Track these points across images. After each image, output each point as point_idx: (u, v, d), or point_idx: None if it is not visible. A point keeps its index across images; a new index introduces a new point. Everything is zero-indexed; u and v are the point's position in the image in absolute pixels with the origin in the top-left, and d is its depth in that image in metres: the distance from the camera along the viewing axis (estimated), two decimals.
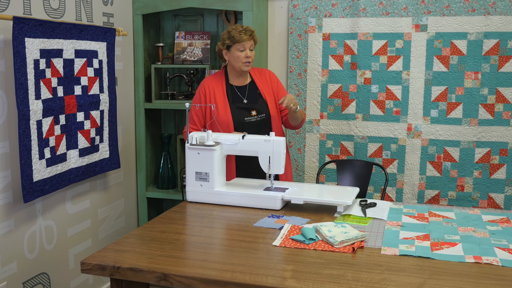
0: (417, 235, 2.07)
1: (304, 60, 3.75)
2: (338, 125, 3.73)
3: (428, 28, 3.50)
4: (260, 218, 2.31)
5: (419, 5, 3.50)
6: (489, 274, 1.73)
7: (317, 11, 3.69)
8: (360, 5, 3.58)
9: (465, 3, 3.42)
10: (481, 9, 3.40)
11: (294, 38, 3.76)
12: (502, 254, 1.88)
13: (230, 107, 2.96)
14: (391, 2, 3.54)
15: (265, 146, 2.49)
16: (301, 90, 3.78)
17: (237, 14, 3.76)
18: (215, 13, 3.84)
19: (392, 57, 3.58)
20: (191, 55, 3.77)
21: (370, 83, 3.63)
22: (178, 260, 1.87)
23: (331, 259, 1.86)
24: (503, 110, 3.44)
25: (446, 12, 3.46)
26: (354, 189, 2.58)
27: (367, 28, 3.59)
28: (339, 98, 3.70)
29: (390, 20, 3.55)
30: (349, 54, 3.65)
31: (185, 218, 2.38)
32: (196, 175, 2.54)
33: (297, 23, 3.74)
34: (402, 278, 1.69)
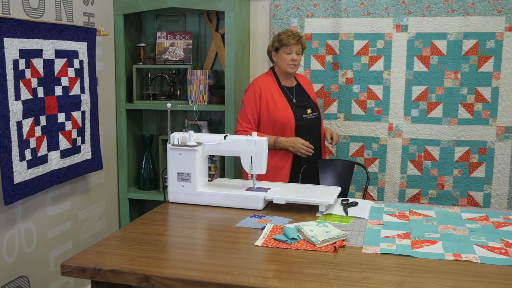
0: (398, 234, 2.09)
1: None
2: None
3: (408, 29, 3.53)
4: (242, 218, 2.31)
5: (400, 6, 3.53)
6: (468, 271, 1.75)
7: (299, 12, 3.70)
8: (342, 6, 3.60)
9: (445, 3, 3.46)
10: (461, 9, 3.44)
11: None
12: (481, 251, 1.90)
13: (290, 105, 3.13)
14: (372, 3, 3.56)
15: (247, 146, 2.49)
16: None
17: (219, 14, 3.76)
18: (197, 13, 3.83)
19: (373, 57, 3.60)
20: (173, 55, 3.75)
21: (352, 83, 3.65)
22: (159, 261, 1.86)
23: (313, 258, 1.86)
24: (482, 109, 3.49)
25: (426, 12, 3.49)
26: (335, 188, 2.59)
27: (348, 28, 3.61)
28: (321, 98, 3.72)
29: (371, 20, 3.58)
30: (331, 54, 3.66)
31: (167, 219, 2.37)
32: (178, 175, 2.53)
33: (279, 23, 3.75)
34: (383, 277, 1.70)
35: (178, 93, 3.79)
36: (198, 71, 3.61)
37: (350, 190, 3.63)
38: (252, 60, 3.87)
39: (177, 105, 3.00)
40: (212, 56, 3.82)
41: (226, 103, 3.53)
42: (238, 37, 3.54)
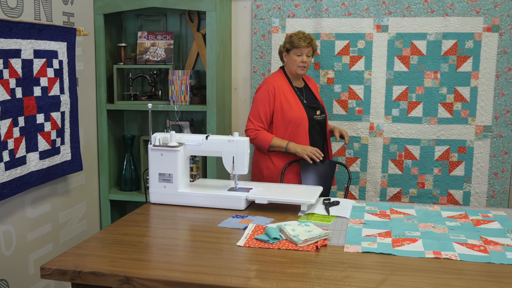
0: (379, 232, 2.11)
1: (268, 60, 3.77)
2: None
3: (389, 29, 3.56)
4: (224, 219, 2.30)
5: (380, 6, 3.55)
6: (448, 268, 1.77)
7: (280, 12, 3.70)
8: (323, 6, 3.62)
9: (425, 4, 3.49)
10: (440, 10, 3.48)
11: (257, 38, 3.77)
12: (461, 248, 1.93)
13: (303, 106, 3.17)
14: (353, 3, 3.58)
15: (228, 147, 2.49)
16: None
17: (200, 14, 3.75)
18: (178, 13, 3.82)
19: (355, 57, 3.63)
20: (154, 55, 3.73)
21: (333, 83, 3.67)
22: (141, 262, 1.85)
23: (295, 258, 1.87)
24: (461, 108, 3.53)
25: (406, 13, 3.53)
26: (317, 188, 2.60)
27: (329, 28, 3.63)
28: None
29: (352, 20, 3.60)
30: None
31: (148, 220, 2.35)
32: (159, 176, 2.52)
33: (260, 23, 3.75)
34: (364, 275, 1.71)
35: (159, 93, 3.77)
36: (180, 71, 3.59)
37: (332, 190, 3.65)
38: (234, 60, 3.87)
39: (158, 105, 2.99)
40: (194, 56, 3.81)
41: (208, 103, 3.52)
42: (219, 37, 3.53)
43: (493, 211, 2.41)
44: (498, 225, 2.20)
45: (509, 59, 3.44)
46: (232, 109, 3.91)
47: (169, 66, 3.65)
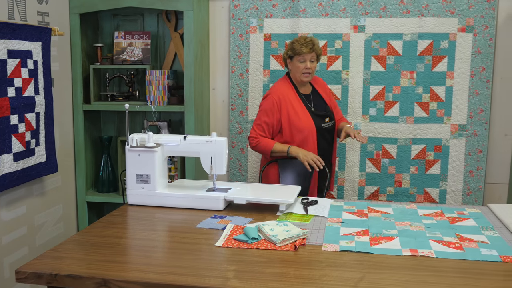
0: (356, 231, 2.12)
1: (246, 60, 3.77)
2: None
3: (365, 29, 3.59)
4: (203, 219, 2.29)
5: (357, 7, 3.58)
6: (424, 266, 1.79)
7: (258, 12, 3.71)
8: (300, 6, 3.63)
9: (400, 5, 3.53)
10: (416, 11, 3.52)
11: (235, 38, 3.77)
12: (437, 246, 1.95)
13: (310, 114, 3.08)
14: (330, 4, 3.60)
15: (206, 147, 2.48)
16: (243, 90, 3.80)
17: (177, 14, 3.73)
18: (156, 13, 3.79)
19: (332, 57, 3.65)
20: (131, 55, 3.70)
21: None
22: (118, 264, 1.83)
23: (274, 257, 1.87)
24: (437, 108, 3.58)
25: (382, 13, 3.56)
26: (296, 187, 2.61)
27: (307, 28, 3.65)
28: None
29: (330, 21, 3.62)
30: None
31: (126, 221, 2.33)
32: (137, 177, 2.50)
33: (238, 23, 3.75)
34: (342, 274, 1.72)
35: (136, 93, 3.74)
36: (157, 71, 3.57)
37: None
38: (212, 60, 3.86)
39: (135, 106, 2.96)
40: (171, 56, 3.79)
41: (185, 104, 3.51)
42: (197, 37, 3.52)
43: (468, 209, 2.45)
44: (473, 223, 2.23)
45: (483, 59, 3.50)
46: (211, 109, 3.90)
47: (147, 66, 3.62)
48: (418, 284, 1.64)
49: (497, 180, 3.64)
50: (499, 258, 1.83)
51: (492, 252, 1.89)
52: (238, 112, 3.83)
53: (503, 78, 3.54)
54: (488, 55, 3.49)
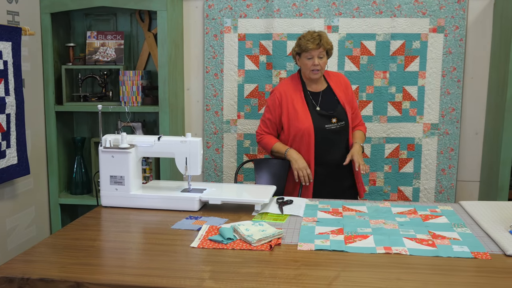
0: (331, 230, 2.13)
1: (220, 60, 3.76)
2: (255, 124, 3.77)
3: (339, 29, 3.62)
4: (178, 220, 2.28)
5: (331, 7, 3.61)
6: (398, 263, 1.81)
7: (232, 12, 3.70)
8: (274, 6, 3.64)
9: (373, 5, 3.57)
10: (388, 11, 3.57)
11: (209, 38, 3.76)
12: (410, 243, 1.98)
13: (311, 114, 2.95)
14: (304, 4, 3.62)
15: (181, 147, 2.47)
16: (218, 91, 3.79)
17: (151, 14, 3.70)
18: (129, 13, 3.76)
19: None
20: (104, 55, 3.66)
21: None
22: (92, 267, 1.81)
23: (249, 257, 1.87)
24: (410, 107, 3.63)
25: (355, 14, 3.59)
26: (271, 187, 2.61)
27: (281, 28, 3.66)
28: (255, 98, 3.74)
29: (303, 21, 3.64)
30: (265, 54, 3.70)
31: (100, 223, 2.30)
32: (111, 179, 2.47)
33: (212, 23, 3.74)
34: (317, 272, 1.73)
35: (110, 94, 3.70)
36: (131, 71, 3.54)
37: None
38: (186, 60, 3.84)
39: (109, 106, 2.93)
40: (145, 57, 3.76)
41: (160, 104, 3.48)
42: (171, 37, 3.50)
43: (440, 206, 2.49)
44: (445, 220, 2.27)
45: (453, 59, 3.56)
46: (185, 110, 3.89)
47: (120, 66, 3.59)
48: (392, 282, 1.66)
49: (468, 178, 3.71)
50: (470, 255, 1.87)
51: (463, 249, 1.92)
52: (213, 113, 3.82)
53: (473, 77, 3.61)
54: (458, 55, 3.55)
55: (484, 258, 1.84)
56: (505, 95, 3.23)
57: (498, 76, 3.37)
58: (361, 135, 3.10)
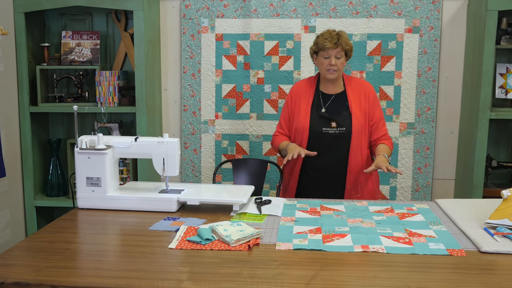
0: (309, 229, 2.14)
1: (198, 60, 3.75)
2: (233, 124, 3.76)
3: (316, 29, 3.64)
4: (156, 221, 2.27)
5: (308, 7, 3.62)
6: (375, 261, 1.83)
7: (209, 12, 3.69)
8: (252, 6, 3.64)
9: (350, 6, 3.60)
10: (364, 12, 3.60)
11: (187, 38, 3.74)
12: (387, 241, 1.99)
13: (311, 115, 2.84)
14: (281, 4, 3.63)
15: (158, 148, 2.45)
16: (195, 91, 3.78)
17: (127, 14, 3.67)
18: (105, 12, 3.72)
19: (284, 57, 3.68)
20: (80, 55, 3.62)
21: (263, 82, 3.70)
22: (68, 270, 1.78)
23: (228, 258, 1.87)
24: (386, 106, 3.66)
25: (332, 14, 3.62)
26: (249, 187, 2.61)
27: (258, 29, 3.66)
28: (233, 98, 3.74)
29: (281, 21, 3.65)
30: (242, 54, 3.70)
31: (76, 226, 2.27)
32: (87, 180, 2.44)
33: (189, 23, 3.72)
34: (296, 272, 1.74)
35: (86, 95, 3.66)
36: (107, 72, 3.50)
37: (264, 189, 3.68)
38: (163, 60, 3.82)
39: (84, 107, 2.89)
40: (122, 57, 3.73)
41: (137, 104, 3.46)
42: (148, 37, 3.47)
43: (417, 205, 2.52)
44: (422, 218, 2.30)
45: (429, 59, 3.60)
46: (163, 110, 3.86)
47: (96, 66, 3.55)
48: (369, 280, 1.67)
49: (444, 176, 3.76)
50: (446, 252, 1.90)
51: (439, 246, 1.95)
52: (191, 113, 3.80)
53: (448, 77, 3.66)
54: (433, 55, 3.60)
55: (459, 255, 1.87)
56: (479, 94, 3.28)
57: (472, 75, 3.43)
58: (385, 148, 2.84)
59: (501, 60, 3.58)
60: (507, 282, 1.66)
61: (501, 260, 1.84)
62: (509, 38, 3.36)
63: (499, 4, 3.16)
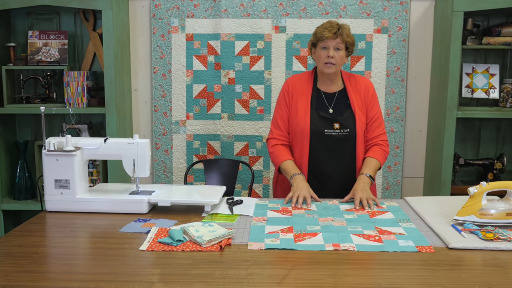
0: (281, 229, 2.15)
1: (168, 60, 3.72)
2: (204, 125, 3.75)
3: (286, 30, 3.65)
4: (126, 223, 2.24)
5: (278, 8, 3.64)
6: (346, 259, 1.84)
7: (179, 12, 3.67)
8: (222, 6, 3.63)
9: (319, 6, 3.62)
10: (334, 12, 3.63)
11: (157, 38, 3.71)
12: (358, 240, 2.02)
13: (311, 115, 2.60)
14: (252, 4, 3.64)
15: (128, 150, 2.42)
16: (166, 91, 3.75)
17: (96, 13, 3.62)
18: (72, 12, 3.66)
19: (254, 57, 3.68)
20: (47, 55, 3.56)
21: (234, 83, 3.70)
22: (37, 274, 1.75)
23: (199, 259, 1.86)
24: None
25: (302, 14, 3.64)
26: (221, 187, 2.60)
27: (229, 29, 3.66)
28: (204, 98, 3.73)
29: (251, 21, 3.65)
30: (213, 54, 3.69)
31: (44, 229, 2.23)
32: (55, 182, 2.40)
33: (159, 23, 3.70)
34: (267, 271, 1.74)
35: (54, 95, 3.60)
36: (76, 72, 3.45)
37: (236, 189, 3.68)
38: (133, 60, 3.78)
39: (52, 108, 2.84)
40: (90, 57, 3.67)
41: (106, 105, 3.42)
42: (117, 37, 3.43)
43: (386, 203, 2.55)
44: (391, 215, 2.33)
45: (397, 59, 3.66)
46: (133, 111, 3.82)
47: (64, 67, 3.49)
48: (340, 277, 1.69)
49: (413, 174, 3.82)
50: (415, 249, 1.93)
51: (408, 243, 1.98)
52: (162, 113, 3.78)
53: (416, 77, 3.72)
54: (402, 55, 3.65)
55: (428, 252, 1.90)
56: (446, 93, 3.35)
57: (439, 75, 3.50)
58: (372, 164, 2.60)
59: (467, 60, 3.65)
60: (474, 277, 1.69)
61: (468, 255, 1.88)
62: (475, 38, 3.44)
63: (465, 5, 3.23)
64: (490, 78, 3.54)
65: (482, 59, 3.66)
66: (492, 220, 2.10)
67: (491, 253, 1.89)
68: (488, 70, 3.55)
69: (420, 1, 3.64)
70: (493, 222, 2.10)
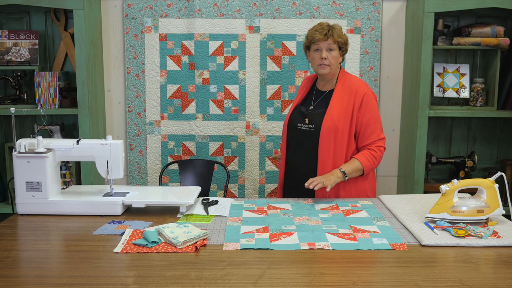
0: (257, 228, 2.15)
1: (142, 60, 3.69)
2: (179, 125, 3.73)
3: (260, 30, 3.66)
4: (100, 226, 2.21)
5: (252, 8, 3.64)
6: (321, 258, 1.86)
7: (152, 11, 3.65)
8: (195, 6, 3.62)
9: (293, 6, 3.64)
10: (307, 12, 3.65)
11: (130, 38, 3.68)
12: (333, 238, 2.03)
13: (294, 109, 2.77)
14: (225, 4, 3.63)
15: (101, 151, 2.40)
16: (140, 92, 3.72)
17: (67, 13, 3.57)
18: (43, 11, 3.60)
19: (228, 58, 3.68)
20: (17, 56, 3.49)
21: (209, 83, 3.69)
22: (9, 279, 1.71)
23: (174, 260, 1.85)
24: None
25: (276, 14, 3.65)
26: (196, 188, 2.59)
27: (203, 29, 3.64)
28: (178, 98, 3.71)
29: (225, 21, 3.65)
30: (187, 54, 3.67)
31: (15, 232, 2.19)
32: (27, 185, 2.36)
33: (132, 23, 3.66)
34: (243, 271, 1.74)
35: (25, 96, 3.53)
36: (47, 72, 3.39)
37: (211, 189, 3.67)
38: (106, 60, 3.73)
39: (22, 109, 2.79)
40: (62, 57, 3.62)
41: (79, 106, 3.37)
42: (89, 36, 3.39)
43: (361, 201, 2.58)
44: (366, 214, 2.35)
45: (370, 59, 3.70)
46: (106, 112, 3.78)
47: (35, 67, 3.43)
48: (316, 276, 1.70)
49: (387, 173, 3.87)
50: (389, 246, 1.95)
51: (382, 241, 2.00)
52: (136, 114, 3.74)
53: (389, 77, 3.77)
54: (375, 55, 3.69)
55: (401, 249, 1.93)
56: (418, 93, 3.40)
57: (412, 75, 3.55)
58: (354, 164, 2.64)
59: (438, 60, 3.71)
60: (447, 274, 1.72)
61: (441, 252, 1.91)
62: (445, 39, 3.50)
63: (435, 6, 3.28)
64: (461, 78, 3.61)
65: (452, 59, 3.73)
66: (464, 217, 2.14)
67: (463, 250, 1.93)
68: (458, 69, 3.62)
69: (392, 2, 3.69)
70: (465, 219, 2.14)
